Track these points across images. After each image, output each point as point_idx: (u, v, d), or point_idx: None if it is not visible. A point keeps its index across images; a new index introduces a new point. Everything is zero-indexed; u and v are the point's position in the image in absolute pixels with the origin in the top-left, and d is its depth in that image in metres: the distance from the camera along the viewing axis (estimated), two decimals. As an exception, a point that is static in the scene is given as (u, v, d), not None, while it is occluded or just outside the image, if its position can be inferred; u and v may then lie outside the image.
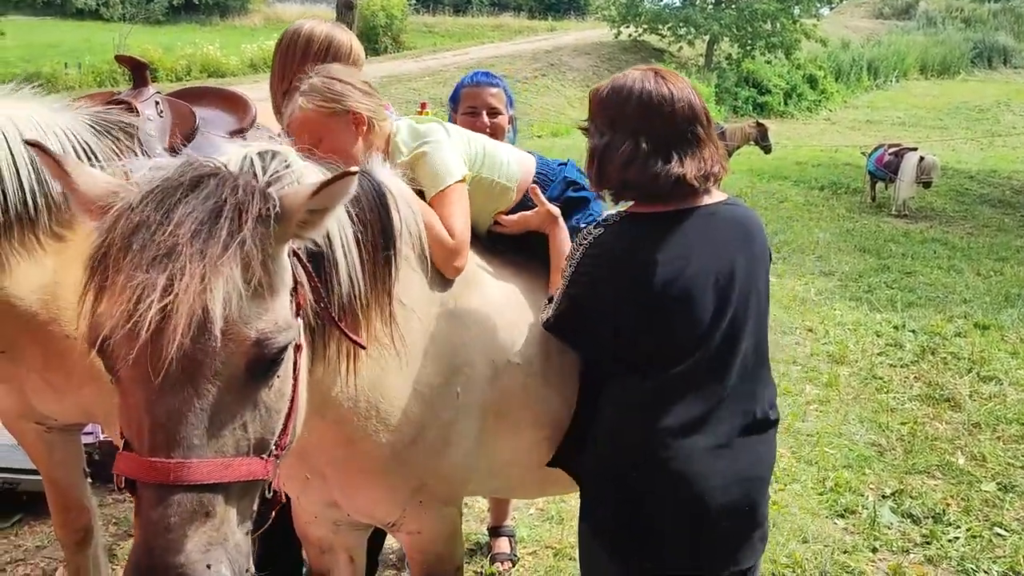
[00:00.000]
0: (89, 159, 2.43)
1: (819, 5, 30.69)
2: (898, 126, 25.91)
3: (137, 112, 2.73)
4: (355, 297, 1.75)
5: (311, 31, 2.80)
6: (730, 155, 14.11)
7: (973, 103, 30.29)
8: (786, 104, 28.66)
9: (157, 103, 2.85)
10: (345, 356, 1.79)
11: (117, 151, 2.56)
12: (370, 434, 1.95)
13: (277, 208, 1.39)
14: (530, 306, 2.29)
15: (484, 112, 3.03)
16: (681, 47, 29.76)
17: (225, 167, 1.48)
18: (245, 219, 1.33)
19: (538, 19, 45.18)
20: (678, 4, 30.64)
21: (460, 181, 2.28)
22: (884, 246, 10.11)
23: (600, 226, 1.98)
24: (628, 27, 29.48)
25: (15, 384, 2.49)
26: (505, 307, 2.24)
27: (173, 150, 2.78)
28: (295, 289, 1.49)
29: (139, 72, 2.85)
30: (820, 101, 29.99)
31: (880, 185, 13.24)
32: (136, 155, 2.63)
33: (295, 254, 1.52)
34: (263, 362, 1.35)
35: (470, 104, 3.07)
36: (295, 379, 1.47)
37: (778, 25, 28.49)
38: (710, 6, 29.93)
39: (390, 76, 22.09)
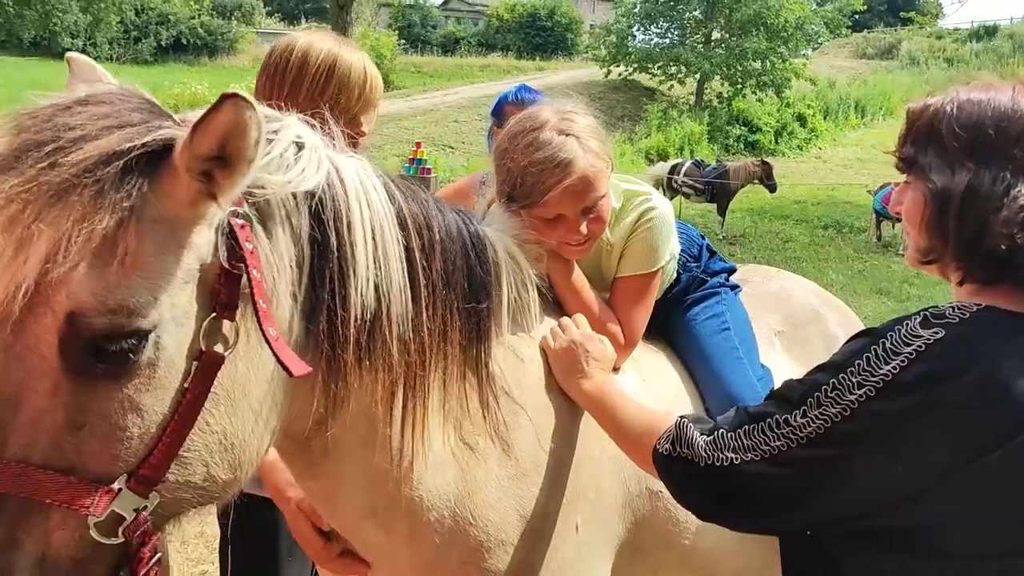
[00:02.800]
0: None
1: (806, 45, 30.85)
2: (889, 164, 25.56)
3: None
4: (390, 330, 1.31)
5: (307, 49, 2.05)
6: (734, 194, 13.88)
7: (960, 141, 30.37)
8: (777, 142, 28.66)
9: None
10: (411, 425, 1.37)
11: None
12: (455, 566, 1.49)
13: (151, 149, 1.05)
14: (678, 410, 1.72)
15: None
16: (672, 86, 29.81)
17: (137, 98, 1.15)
18: (103, 162, 1.01)
19: (526, 59, 45.43)
20: (668, 43, 30.77)
21: (660, 268, 1.90)
22: (900, 288, 9.83)
23: (935, 321, 1.22)
24: (618, 66, 29.53)
25: None
26: None
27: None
28: (223, 279, 1.11)
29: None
30: (810, 139, 30.05)
31: (886, 224, 13.04)
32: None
33: (231, 233, 1.12)
34: (77, 348, 1.01)
35: None
36: (186, 398, 1.09)
37: (768, 64, 28.61)
38: (700, 45, 30.08)
39: (381, 116, 21.62)
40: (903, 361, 1.18)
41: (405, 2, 55.21)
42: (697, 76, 29.52)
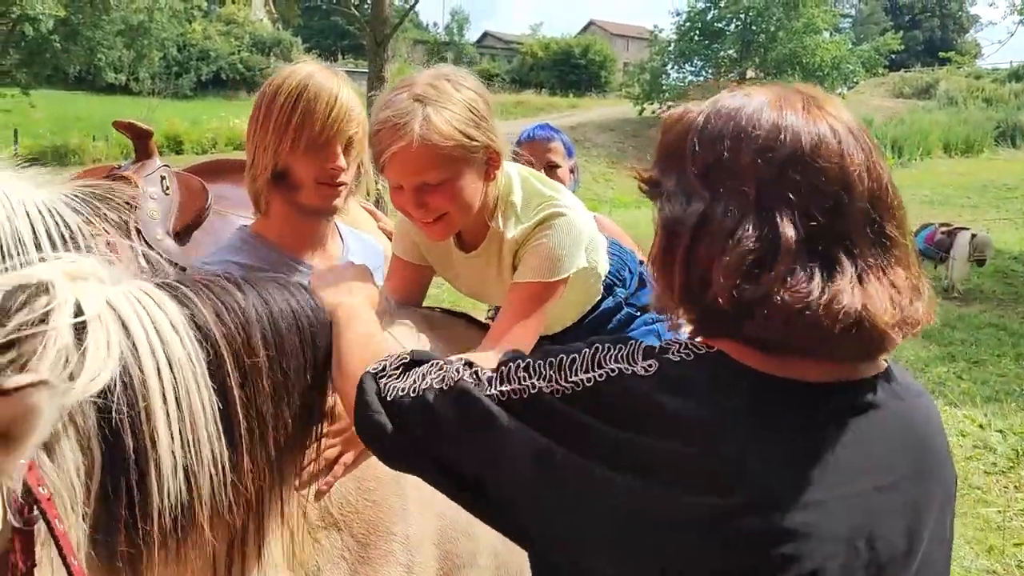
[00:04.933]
0: (66, 243, 1.94)
1: (841, 84, 30.66)
2: (927, 204, 25.44)
3: (137, 189, 2.26)
4: (206, 511, 1.10)
5: (281, 79, 1.84)
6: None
7: (1000, 181, 29.88)
8: (812, 181, 28.35)
9: (163, 178, 2.37)
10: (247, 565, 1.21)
11: (108, 233, 2.08)
12: None
13: None
14: None
15: (543, 168, 2.67)
16: (705, 124, 29.75)
17: None
18: None
19: (560, 96, 45.69)
20: (702, 81, 30.77)
21: (562, 280, 1.73)
22: (943, 331, 9.49)
23: (656, 353, 1.01)
24: (652, 103, 29.56)
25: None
26: None
27: (179, 235, 2.29)
28: (17, 543, 0.91)
29: (142, 142, 2.39)
30: (846, 178, 29.71)
31: (927, 265, 12.76)
32: (129, 239, 2.15)
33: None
34: None
35: (527, 160, 2.63)
36: None
37: (803, 102, 28.44)
38: (734, 83, 30.02)
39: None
40: (600, 376, 0.99)
41: (440, 39, 56.04)
42: (731, 114, 29.40)
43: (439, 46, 54.92)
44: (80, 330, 1.00)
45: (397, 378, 1.16)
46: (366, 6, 24.32)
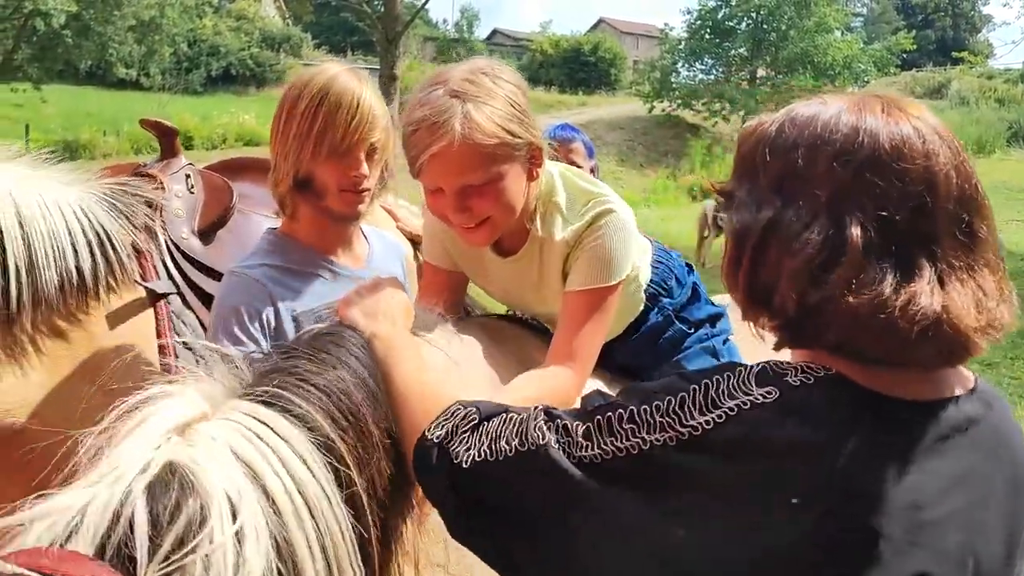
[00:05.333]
0: (103, 247, 1.94)
1: (852, 83, 30.50)
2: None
3: (163, 187, 2.25)
4: None
5: (304, 82, 1.79)
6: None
7: (1013, 182, 29.64)
8: (822, 181, 28.26)
9: (188, 176, 2.37)
10: None
11: (136, 234, 2.09)
12: None
13: None
14: None
15: None
16: (716, 123, 29.62)
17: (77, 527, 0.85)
18: None
19: (569, 93, 45.59)
20: (712, 79, 30.66)
21: (620, 283, 1.65)
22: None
23: (772, 379, 0.97)
24: (662, 102, 29.47)
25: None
26: None
27: (203, 234, 2.29)
28: None
29: (167, 140, 2.39)
30: (856, 178, 29.62)
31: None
32: (157, 239, 2.15)
33: None
34: None
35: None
36: None
37: (814, 102, 28.33)
38: (745, 82, 29.92)
39: (424, 147, 22.01)
40: (720, 417, 0.94)
41: (450, 36, 56.01)
42: (742, 113, 29.33)
43: (449, 43, 54.89)
44: (239, 537, 0.91)
45: (466, 439, 1.09)
46: (377, 3, 24.32)
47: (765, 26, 29.29)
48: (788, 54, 28.54)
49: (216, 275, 2.24)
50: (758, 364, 0.99)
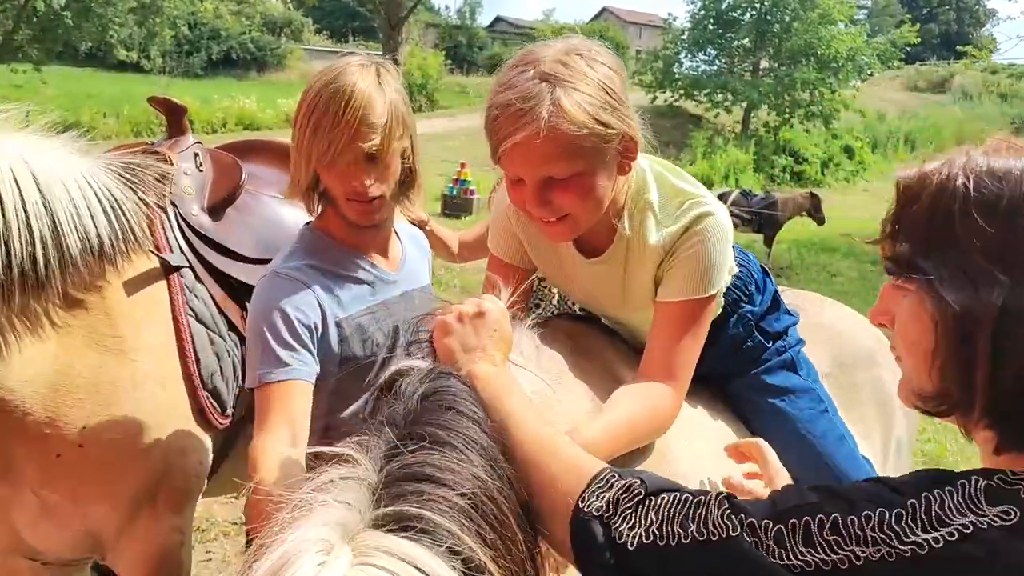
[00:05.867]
0: (117, 215, 1.94)
1: (855, 76, 30.38)
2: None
3: (172, 164, 2.25)
4: None
5: (321, 79, 1.66)
6: (782, 225, 13.59)
7: (1015, 178, 29.72)
8: (823, 173, 28.18)
9: (196, 155, 2.37)
10: None
11: (147, 207, 2.09)
12: None
13: None
14: None
15: None
16: (718, 114, 29.54)
17: None
18: None
19: (571, 83, 45.38)
20: (715, 70, 30.56)
21: (717, 292, 1.54)
22: (956, 328, 9.47)
23: (1005, 496, 0.87)
24: (664, 92, 29.37)
25: (1, 509, 1.93)
26: None
27: (212, 211, 2.29)
28: None
29: (175, 117, 2.38)
30: (857, 171, 29.53)
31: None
32: (167, 214, 2.14)
33: None
34: None
35: None
36: None
37: (817, 94, 28.24)
38: (748, 73, 29.82)
39: (425, 135, 21.83)
40: (951, 535, 0.84)
41: (452, 23, 55.77)
42: (744, 104, 29.24)
43: (451, 30, 54.65)
44: None
45: (629, 516, 0.99)
46: (380, -12, 24.19)
47: (769, 17, 29.15)
48: (791, 46, 28.39)
49: (225, 251, 2.23)
50: (979, 477, 0.89)
